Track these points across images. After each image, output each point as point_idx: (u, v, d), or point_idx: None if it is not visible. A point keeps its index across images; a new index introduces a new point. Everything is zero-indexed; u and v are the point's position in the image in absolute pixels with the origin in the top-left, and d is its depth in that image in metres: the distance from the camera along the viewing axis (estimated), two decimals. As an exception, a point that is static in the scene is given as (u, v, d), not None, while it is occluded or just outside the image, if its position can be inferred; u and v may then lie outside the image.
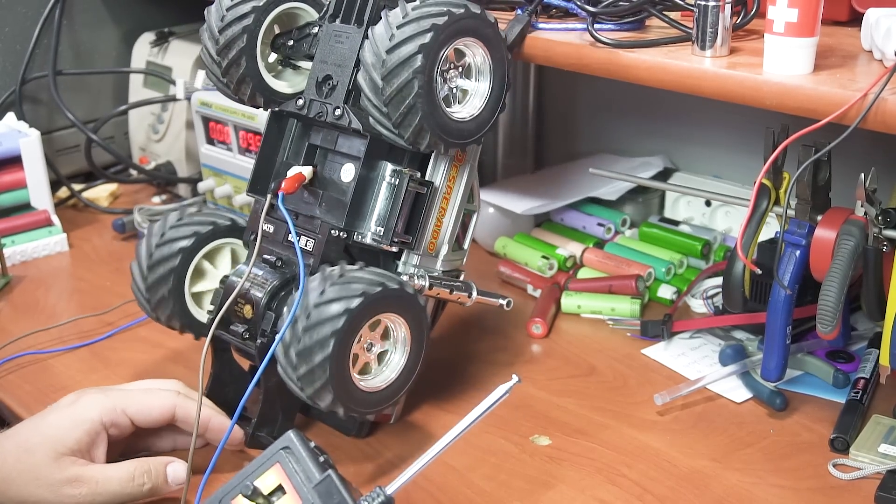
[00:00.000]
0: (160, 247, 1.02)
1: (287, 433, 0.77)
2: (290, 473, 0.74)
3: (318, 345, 0.87)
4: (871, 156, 1.09)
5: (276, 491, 0.74)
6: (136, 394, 0.94)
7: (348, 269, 0.91)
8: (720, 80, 0.89)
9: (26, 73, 1.58)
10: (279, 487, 0.74)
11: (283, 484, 0.74)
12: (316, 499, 0.72)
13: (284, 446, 0.76)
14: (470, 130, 0.97)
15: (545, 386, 1.12)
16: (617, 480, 0.96)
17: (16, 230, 1.45)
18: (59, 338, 1.23)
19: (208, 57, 1.02)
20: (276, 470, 0.75)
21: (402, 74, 0.90)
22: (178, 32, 1.66)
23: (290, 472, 0.75)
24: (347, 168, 1.00)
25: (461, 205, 1.04)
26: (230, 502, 0.75)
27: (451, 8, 0.92)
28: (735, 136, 1.40)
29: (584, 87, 1.59)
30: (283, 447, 0.76)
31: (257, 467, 0.76)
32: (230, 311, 0.97)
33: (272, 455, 0.76)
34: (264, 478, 0.75)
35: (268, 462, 0.76)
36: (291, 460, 0.75)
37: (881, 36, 0.86)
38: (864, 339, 1.15)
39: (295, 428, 0.80)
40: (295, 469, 0.75)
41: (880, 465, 0.95)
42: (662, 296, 1.29)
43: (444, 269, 1.04)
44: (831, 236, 0.98)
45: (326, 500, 0.72)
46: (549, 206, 1.43)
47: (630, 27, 1.00)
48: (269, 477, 0.75)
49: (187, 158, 1.61)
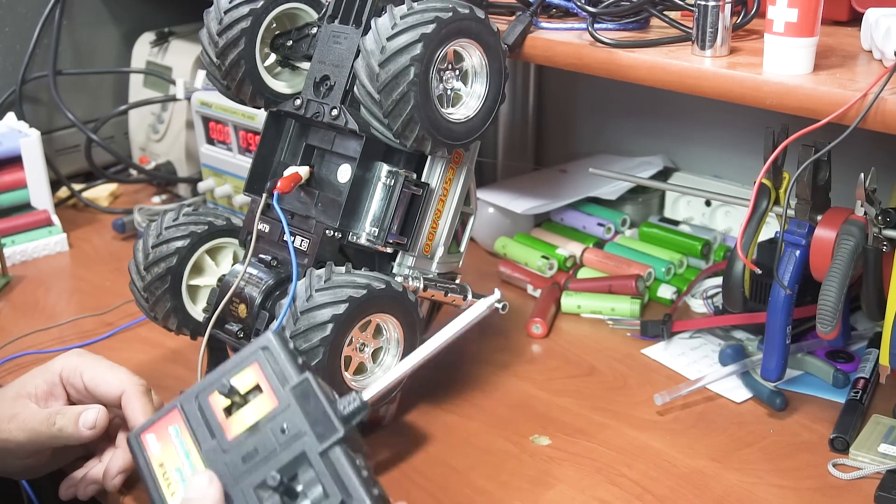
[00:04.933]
0: (157, 247, 1.03)
1: (266, 332, 0.75)
2: (267, 374, 0.73)
3: (309, 352, 0.88)
4: (871, 156, 1.09)
5: (253, 390, 0.73)
6: (101, 366, 0.95)
7: (335, 272, 0.91)
8: (720, 80, 0.89)
9: (26, 73, 1.58)
10: (256, 387, 0.73)
11: (260, 384, 0.73)
12: (292, 400, 0.71)
13: (263, 346, 0.74)
14: (460, 133, 0.97)
15: (545, 386, 1.12)
16: (617, 480, 0.96)
17: (16, 230, 1.45)
18: (59, 338, 1.23)
19: (208, 60, 1.02)
20: (253, 369, 0.73)
21: (400, 60, 0.90)
22: (178, 32, 1.66)
23: (267, 372, 0.73)
24: (344, 168, 1.00)
25: (458, 207, 1.04)
26: (207, 398, 0.73)
27: (455, 6, 0.93)
28: (735, 136, 1.40)
29: (584, 87, 1.59)
30: (262, 346, 0.74)
31: (234, 365, 0.74)
32: (225, 310, 0.97)
33: (251, 354, 0.74)
34: (241, 376, 0.73)
35: (245, 361, 0.74)
36: (270, 360, 0.73)
37: (881, 36, 0.86)
38: (864, 339, 1.15)
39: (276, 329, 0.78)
40: (273, 370, 0.73)
41: (880, 464, 0.95)
42: (662, 296, 1.29)
43: (440, 272, 1.04)
44: (831, 236, 0.98)
45: (302, 403, 0.70)
46: (549, 206, 1.43)
47: (631, 27, 1.00)
48: (247, 375, 0.73)
49: (187, 158, 1.61)
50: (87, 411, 0.91)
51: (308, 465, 0.68)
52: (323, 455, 0.68)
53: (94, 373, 0.94)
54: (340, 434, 0.69)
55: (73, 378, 0.94)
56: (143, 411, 0.92)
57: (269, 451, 0.69)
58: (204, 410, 0.73)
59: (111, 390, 0.93)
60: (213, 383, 0.73)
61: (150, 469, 0.70)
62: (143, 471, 0.71)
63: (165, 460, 0.71)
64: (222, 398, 0.72)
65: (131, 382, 0.93)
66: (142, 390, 0.93)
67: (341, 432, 0.69)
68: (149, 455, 0.71)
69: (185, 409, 0.73)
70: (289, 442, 0.69)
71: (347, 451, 0.69)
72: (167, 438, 0.72)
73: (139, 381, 0.94)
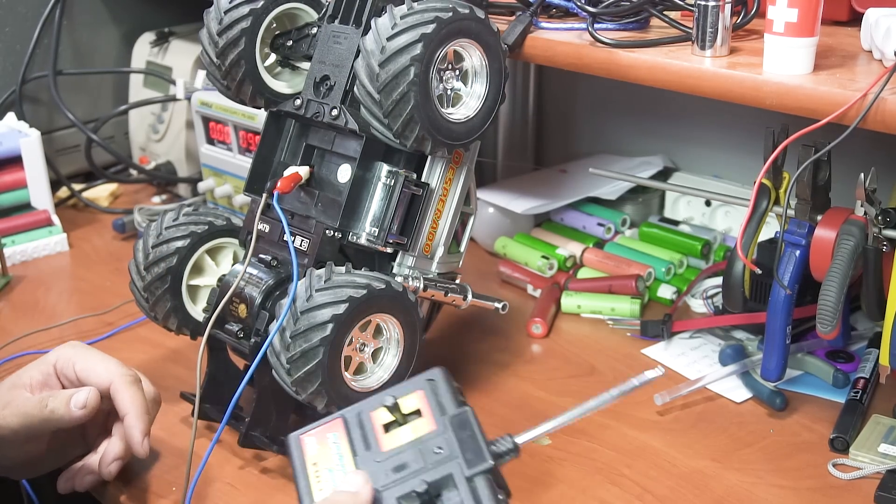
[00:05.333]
0: (157, 246, 1.03)
1: (435, 368, 0.79)
2: (430, 402, 0.77)
3: (310, 352, 0.88)
4: (871, 156, 1.09)
5: (413, 413, 0.77)
6: (93, 358, 0.96)
7: (335, 272, 0.91)
8: (720, 80, 0.89)
9: (26, 73, 1.58)
10: (417, 411, 0.77)
11: (421, 409, 0.77)
12: (449, 427, 0.74)
13: (430, 378, 0.79)
14: (459, 133, 0.97)
15: (545, 386, 1.12)
16: (617, 480, 0.96)
17: (16, 230, 1.45)
18: (59, 338, 1.23)
19: (208, 60, 1.02)
20: (418, 395, 0.77)
21: (400, 60, 0.90)
22: (178, 32, 1.66)
23: (430, 400, 0.77)
24: (344, 169, 1.00)
25: (458, 207, 1.04)
26: (369, 413, 0.77)
27: (455, 6, 0.93)
28: (735, 136, 1.40)
29: (584, 87, 1.59)
30: (429, 379, 0.79)
31: (401, 388, 0.78)
32: (225, 310, 0.97)
33: (417, 383, 0.78)
34: (406, 399, 0.77)
35: (411, 387, 0.78)
36: (434, 391, 0.78)
37: (881, 36, 0.86)
38: (864, 339, 1.15)
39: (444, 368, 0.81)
40: (435, 400, 0.77)
41: (880, 464, 0.95)
42: (662, 296, 1.29)
43: (440, 272, 1.04)
44: (831, 236, 0.98)
45: (458, 431, 0.74)
46: (549, 206, 1.43)
47: (631, 27, 1.00)
48: (411, 399, 0.77)
49: (187, 158, 1.61)
50: (79, 392, 0.92)
51: (453, 487, 0.71)
52: (469, 480, 0.72)
53: (85, 364, 0.95)
54: (489, 465, 0.72)
55: (67, 369, 0.95)
56: (132, 401, 0.92)
57: (419, 467, 0.73)
58: (364, 424, 0.77)
59: (101, 381, 0.94)
60: (378, 400, 0.77)
61: (304, 465, 0.75)
62: (296, 467, 0.75)
63: (319, 461, 0.75)
64: (384, 415, 0.76)
65: (119, 373, 0.94)
66: (129, 380, 0.94)
67: (490, 463, 0.72)
68: (304, 454, 0.76)
69: (346, 420, 0.77)
70: (439, 462, 0.73)
71: (492, 483, 0.72)
72: (325, 442, 0.76)
73: (127, 372, 0.94)
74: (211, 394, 1.02)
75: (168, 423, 1.06)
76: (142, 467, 0.99)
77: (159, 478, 0.98)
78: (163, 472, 0.99)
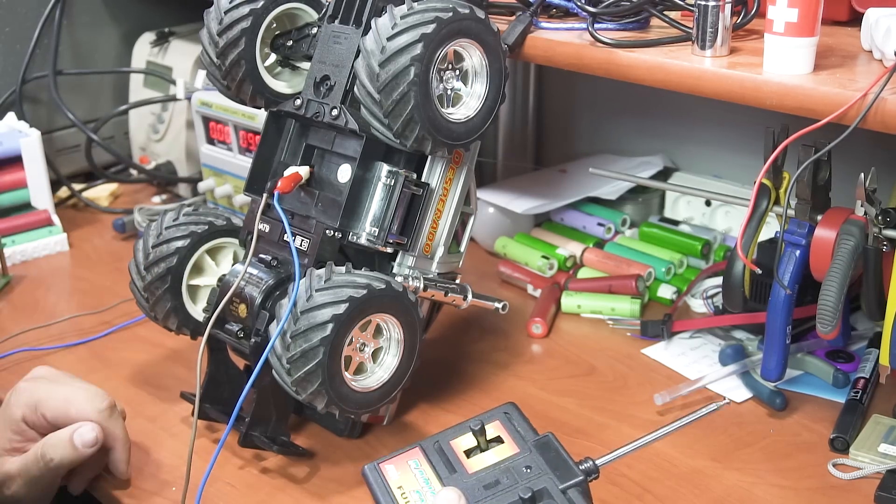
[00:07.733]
0: (157, 246, 1.03)
1: (509, 403, 0.82)
2: (509, 430, 0.79)
3: (310, 352, 0.88)
4: (871, 156, 1.09)
5: (493, 440, 0.79)
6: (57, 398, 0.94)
7: (335, 272, 0.91)
8: (720, 80, 0.88)
9: (26, 73, 1.58)
10: (497, 438, 0.79)
11: (501, 436, 0.79)
12: (533, 450, 0.77)
13: (505, 411, 0.81)
14: (460, 133, 0.97)
15: (545, 386, 1.12)
16: (617, 480, 0.95)
17: (16, 230, 1.45)
18: (58, 335, 1.23)
19: (208, 60, 1.02)
20: (496, 425, 0.80)
21: (400, 60, 0.90)
22: (178, 32, 1.66)
23: (509, 429, 0.79)
24: (344, 169, 1.00)
25: (458, 207, 1.04)
26: (448, 442, 0.79)
27: (455, 6, 0.93)
28: (735, 136, 1.40)
29: (584, 88, 1.59)
30: (505, 411, 0.81)
31: (480, 418, 0.80)
32: (225, 310, 0.97)
33: (494, 413, 0.81)
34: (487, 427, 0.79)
35: (490, 418, 0.80)
36: (511, 421, 0.80)
37: (881, 36, 0.86)
38: (864, 339, 1.15)
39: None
40: (513, 427, 0.80)
41: (880, 464, 0.95)
42: (662, 296, 1.29)
43: (440, 272, 1.04)
44: (831, 236, 0.98)
45: (543, 452, 0.77)
46: (549, 206, 1.43)
47: (631, 27, 1.00)
48: (490, 429, 0.79)
49: (187, 158, 1.61)
50: (82, 431, 0.92)
51: (550, 498, 0.74)
52: (564, 492, 0.74)
53: (56, 413, 0.94)
54: (581, 478, 0.75)
55: (35, 418, 0.94)
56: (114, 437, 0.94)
57: (511, 482, 0.75)
58: (445, 451, 0.79)
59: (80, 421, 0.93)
60: (456, 430, 0.80)
61: (388, 489, 0.77)
62: (377, 492, 0.77)
63: (404, 484, 0.77)
64: (465, 442, 0.79)
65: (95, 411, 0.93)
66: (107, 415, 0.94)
67: (582, 477, 0.75)
68: (387, 479, 0.78)
69: (424, 448, 0.80)
70: (532, 477, 0.75)
71: (587, 494, 0.75)
72: (406, 468, 0.78)
73: (100, 406, 0.94)
74: (211, 394, 1.02)
75: (168, 423, 1.06)
76: (142, 467, 0.99)
77: (159, 478, 0.98)
78: (163, 472, 0.99)
